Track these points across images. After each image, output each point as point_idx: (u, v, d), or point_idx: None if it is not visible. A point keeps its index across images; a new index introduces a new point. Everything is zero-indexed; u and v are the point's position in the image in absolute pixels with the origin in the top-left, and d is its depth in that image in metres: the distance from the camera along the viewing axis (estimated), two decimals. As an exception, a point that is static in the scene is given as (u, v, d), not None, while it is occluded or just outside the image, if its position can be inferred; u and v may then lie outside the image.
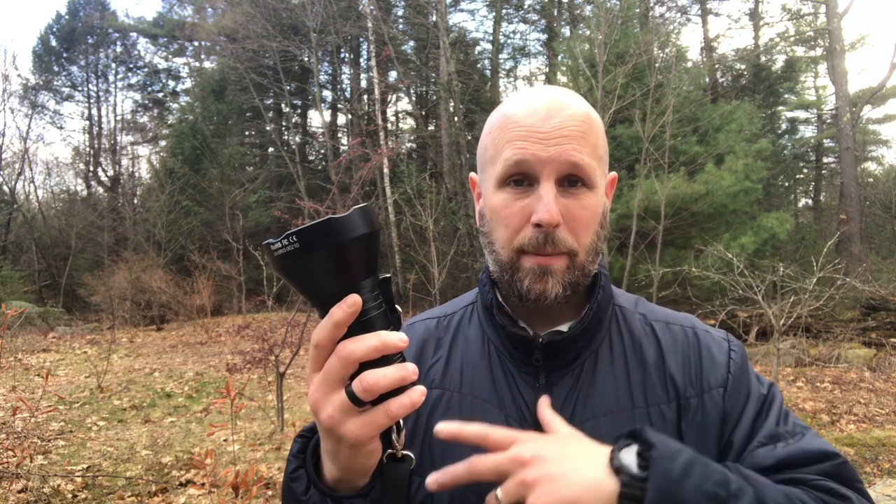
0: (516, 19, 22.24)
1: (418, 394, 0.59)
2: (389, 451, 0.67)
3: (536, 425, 0.79)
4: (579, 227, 0.78)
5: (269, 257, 0.56)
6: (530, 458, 0.61)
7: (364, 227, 0.57)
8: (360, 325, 0.58)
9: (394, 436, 0.66)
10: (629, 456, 0.62)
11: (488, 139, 0.83)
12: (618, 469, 0.61)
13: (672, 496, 0.58)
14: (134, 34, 26.06)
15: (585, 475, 0.60)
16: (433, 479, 0.66)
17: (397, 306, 0.63)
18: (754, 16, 20.38)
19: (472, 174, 0.92)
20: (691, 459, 0.61)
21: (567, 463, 0.61)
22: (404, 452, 0.68)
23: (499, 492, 0.62)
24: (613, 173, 0.90)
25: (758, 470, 0.71)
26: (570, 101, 0.80)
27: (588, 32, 11.86)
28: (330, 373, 0.58)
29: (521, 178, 0.78)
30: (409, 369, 0.59)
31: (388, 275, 0.63)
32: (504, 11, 21.25)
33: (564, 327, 0.84)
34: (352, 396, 0.58)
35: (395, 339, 0.58)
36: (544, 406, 0.75)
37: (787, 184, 21.09)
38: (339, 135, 23.11)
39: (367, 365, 0.58)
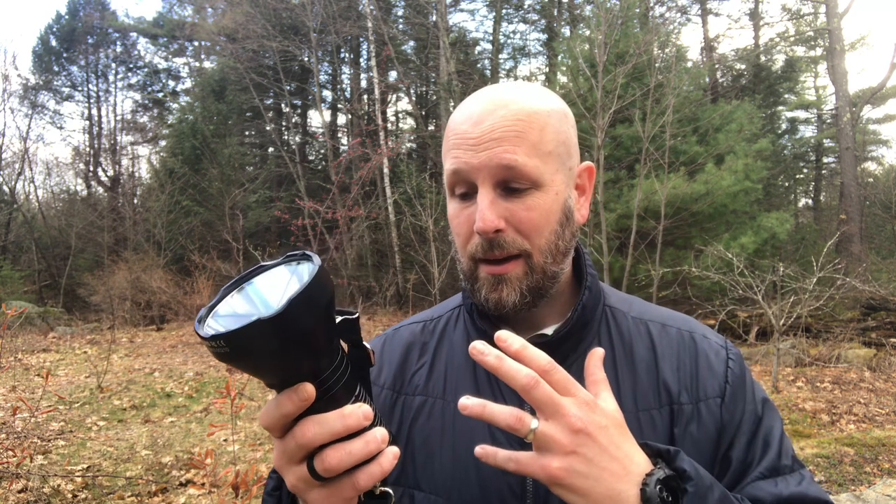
0: (516, 19, 22.25)
1: (389, 460, 0.55)
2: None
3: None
4: (528, 228, 0.75)
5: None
6: (582, 428, 0.56)
7: (308, 315, 0.48)
8: (321, 401, 0.52)
9: None
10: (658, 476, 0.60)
11: (442, 149, 0.83)
12: (647, 500, 0.58)
13: None
14: (134, 34, 26.06)
15: (616, 488, 0.57)
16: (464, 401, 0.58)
17: (365, 343, 0.59)
18: (754, 16, 20.38)
19: None
20: (721, 498, 0.61)
21: (606, 462, 0.57)
22: (383, 489, 0.61)
23: (534, 424, 0.56)
24: (586, 163, 0.84)
25: (757, 501, 0.73)
26: (508, 99, 0.76)
27: (588, 32, 11.86)
28: (288, 452, 0.54)
29: (464, 187, 0.77)
30: (378, 439, 0.54)
31: (356, 314, 0.58)
32: (504, 11, 21.24)
33: (549, 330, 0.83)
34: (313, 473, 0.53)
35: (357, 417, 0.53)
36: (596, 361, 0.65)
37: (787, 184, 21.09)
38: (339, 135, 23.10)
39: None
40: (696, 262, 9.25)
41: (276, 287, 0.52)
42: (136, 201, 22.35)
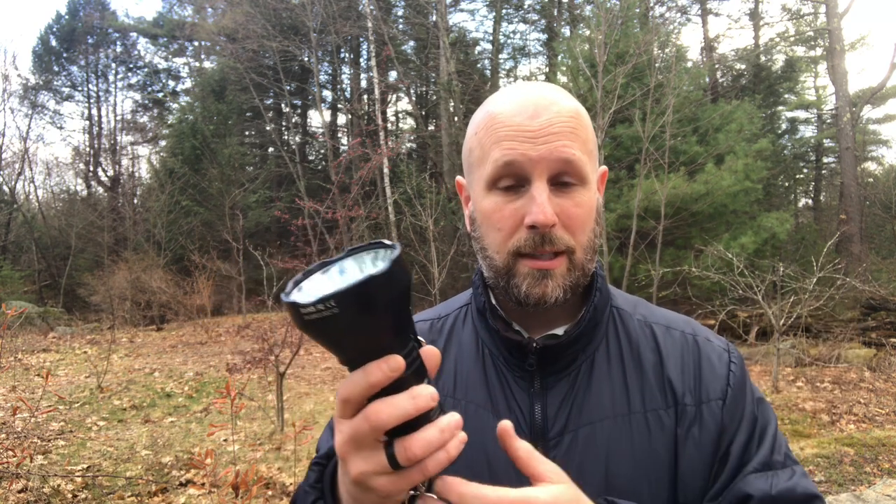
0: (516, 19, 22.26)
1: (456, 447, 0.54)
2: (412, 492, 0.62)
3: (531, 431, 0.78)
4: (575, 225, 0.76)
5: (294, 318, 0.47)
6: None
7: (404, 278, 0.49)
8: (393, 383, 0.52)
9: None
10: None
11: (474, 140, 0.80)
12: None
13: None
14: (134, 34, 26.09)
15: None
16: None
17: (420, 338, 0.59)
18: (754, 16, 20.38)
19: (458, 178, 0.90)
20: None
21: None
22: (428, 495, 0.61)
23: None
24: (604, 167, 0.87)
25: (746, 496, 0.73)
26: (557, 97, 0.77)
27: (588, 32, 11.86)
28: (359, 434, 0.54)
29: (511, 180, 0.76)
30: (451, 427, 0.54)
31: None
32: (504, 11, 21.25)
33: (560, 331, 0.83)
34: (392, 461, 0.53)
35: (426, 398, 0.53)
36: (510, 437, 0.63)
37: (787, 184, 21.08)
38: (339, 135, 23.12)
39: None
40: (696, 262, 9.25)
41: (354, 269, 0.52)
42: (136, 201, 22.38)
